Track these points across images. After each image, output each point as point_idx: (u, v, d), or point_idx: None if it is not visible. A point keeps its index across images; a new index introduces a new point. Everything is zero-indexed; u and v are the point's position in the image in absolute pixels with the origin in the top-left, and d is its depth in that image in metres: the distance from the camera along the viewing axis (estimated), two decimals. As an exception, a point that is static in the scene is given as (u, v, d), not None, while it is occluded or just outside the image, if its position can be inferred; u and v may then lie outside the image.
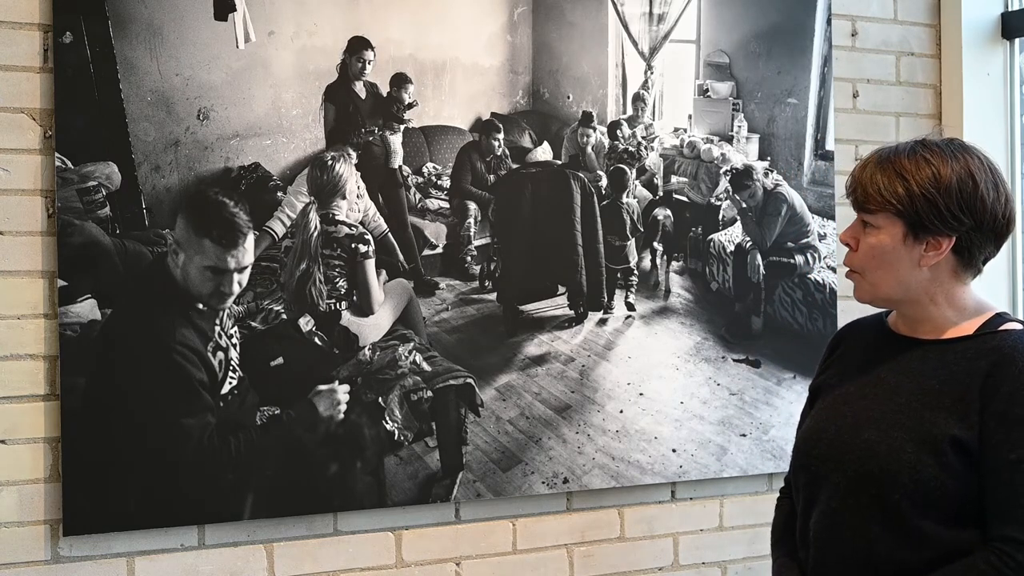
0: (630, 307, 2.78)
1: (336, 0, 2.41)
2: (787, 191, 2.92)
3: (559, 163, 2.72)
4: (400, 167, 2.56)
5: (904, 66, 3.11)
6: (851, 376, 1.79)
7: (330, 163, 2.41)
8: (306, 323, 2.39)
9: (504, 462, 2.56)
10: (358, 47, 2.44)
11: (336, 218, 2.42)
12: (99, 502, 2.16)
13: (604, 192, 2.75)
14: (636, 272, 2.80)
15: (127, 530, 2.20)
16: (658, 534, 2.75)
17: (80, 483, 2.15)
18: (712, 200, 2.87)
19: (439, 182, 2.60)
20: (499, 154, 2.65)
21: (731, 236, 2.88)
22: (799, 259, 2.93)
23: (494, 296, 2.62)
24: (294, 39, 2.37)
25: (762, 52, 2.90)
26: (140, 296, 2.23)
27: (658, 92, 2.82)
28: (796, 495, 1.83)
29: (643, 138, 2.80)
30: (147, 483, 2.20)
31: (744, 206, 2.89)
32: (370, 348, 2.45)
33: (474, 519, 2.54)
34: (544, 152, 2.71)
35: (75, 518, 2.15)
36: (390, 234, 2.52)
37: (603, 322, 2.74)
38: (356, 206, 2.46)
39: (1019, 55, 3.20)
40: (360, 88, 2.47)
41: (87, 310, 2.17)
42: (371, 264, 2.46)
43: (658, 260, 2.84)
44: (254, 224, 2.28)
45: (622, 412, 2.70)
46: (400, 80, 2.50)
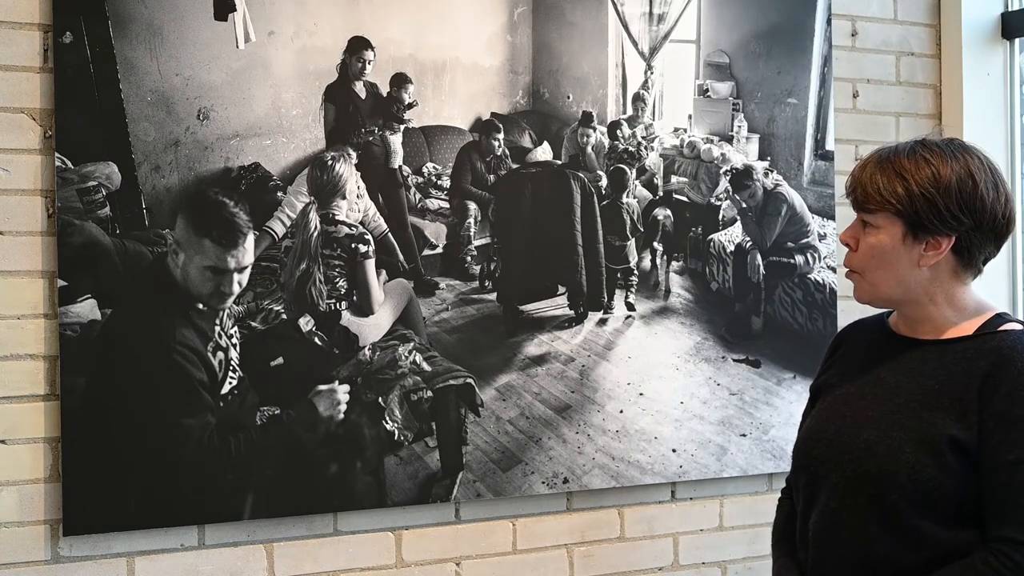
0: (630, 307, 2.78)
1: (336, 0, 2.41)
2: (787, 191, 2.92)
3: (559, 163, 2.71)
4: (400, 167, 2.56)
5: (904, 66, 3.11)
6: (852, 376, 1.79)
7: (330, 163, 2.41)
8: (306, 323, 2.39)
9: (504, 462, 2.55)
10: (358, 47, 2.44)
11: (336, 218, 2.42)
12: (99, 502, 2.16)
13: (604, 192, 2.75)
14: (636, 272, 2.80)
15: (127, 530, 2.20)
16: (658, 534, 2.75)
17: (80, 483, 2.15)
18: (712, 200, 2.87)
19: (439, 182, 2.60)
20: (499, 154, 2.65)
21: (731, 236, 2.88)
22: (799, 259, 2.93)
23: (494, 296, 2.62)
24: (294, 39, 2.37)
25: (762, 52, 2.90)
26: (140, 296, 2.23)
27: (658, 92, 2.82)
28: (796, 495, 1.83)
29: (643, 138, 2.80)
30: (147, 483, 2.20)
31: (744, 206, 2.89)
32: (370, 348, 2.45)
33: (474, 519, 2.54)
34: (544, 152, 2.71)
35: (75, 518, 2.15)
36: (390, 234, 2.52)
37: (603, 322, 2.74)
38: (356, 206, 2.46)
39: (1019, 55, 3.19)
40: (360, 88, 2.47)
41: (87, 310, 2.17)
42: (371, 264, 2.46)
43: (658, 260, 2.84)
44: (254, 224, 2.28)
45: (622, 412, 2.70)
46: (400, 80, 2.50)
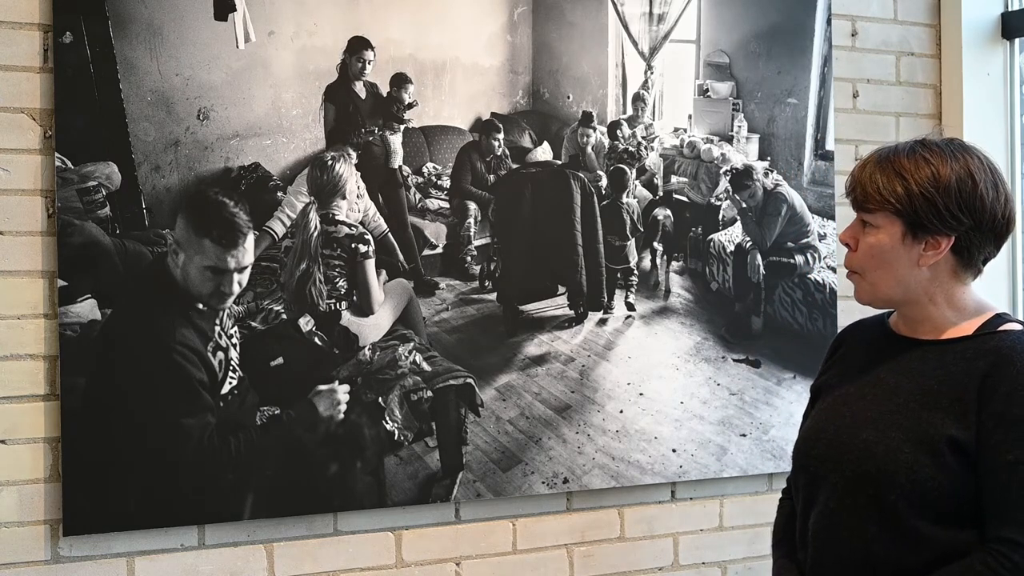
0: (630, 307, 2.78)
1: (336, 0, 2.41)
2: (787, 191, 2.92)
3: (559, 163, 2.71)
4: (400, 167, 2.56)
5: (904, 66, 3.11)
6: (851, 376, 1.79)
7: (330, 163, 2.41)
8: (306, 323, 2.39)
9: (504, 462, 2.55)
10: (358, 47, 2.44)
11: (336, 218, 2.42)
12: (99, 502, 2.16)
13: (604, 192, 2.75)
14: (636, 272, 2.80)
15: (127, 530, 2.20)
16: (658, 534, 2.75)
17: (80, 483, 2.15)
18: (712, 200, 2.87)
19: (439, 182, 2.60)
20: (499, 154, 2.65)
21: (731, 236, 2.88)
22: (799, 259, 2.93)
23: (494, 296, 2.62)
24: (294, 39, 2.37)
25: (762, 52, 2.90)
26: (140, 296, 2.23)
27: (658, 92, 2.82)
28: (796, 495, 1.83)
29: (643, 138, 2.80)
30: (147, 483, 2.20)
31: (744, 206, 2.89)
32: (370, 348, 2.45)
33: (474, 519, 2.54)
34: (544, 152, 2.71)
35: (75, 518, 2.15)
36: (390, 234, 2.52)
37: (603, 322, 2.74)
38: (356, 206, 2.46)
39: (1019, 55, 3.19)
40: (360, 88, 2.47)
41: (87, 310, 2.17)
42: (371, 264, 2.46)
43: (658, 260, 2.84)
44: (254, 224, 2.28)
45: (622, 412, 2.70)
46: (400, 80, 2.50)
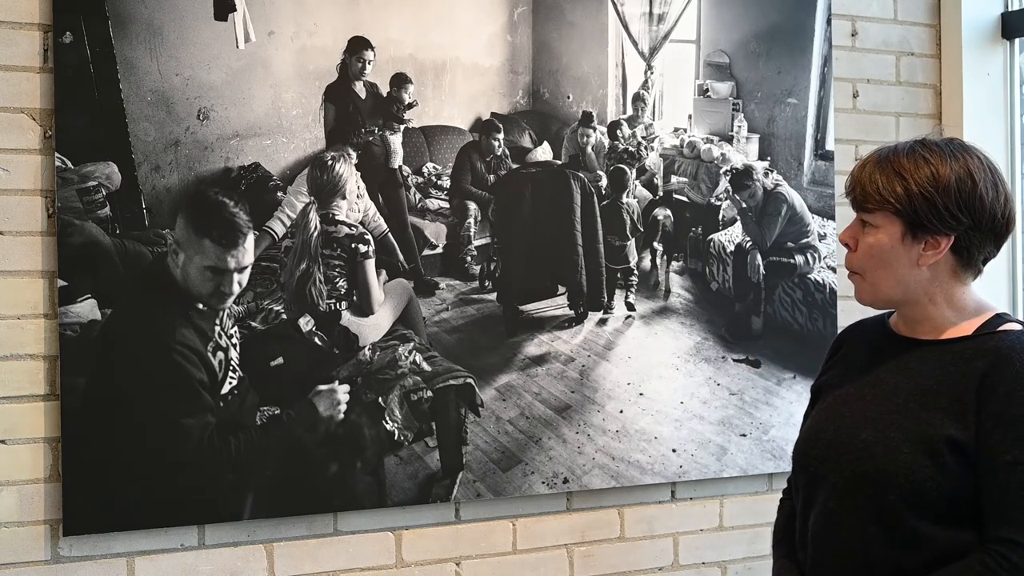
0: (630, 307, 2.78)
1: (336, 0, 2.41)
2: (787, 191, 2.92)
3: (559, 163, 2.71)
4: (400, 167, 2.56)
5: (904, 66, 3.11)
6: (852, 377, 1.79)
7: (330, 163, 2.41)
8: (306, 323, 2.39)
9: (504, 462, 2.55)
10: (358, 47, 2.44)
11: (336, 218, 2.42)
12: (99, 502, 2.16)
13: (604, 192, 2.75)
14: (636, 272, 2.80)
15: (127, 530, 2.20)
16: (658, 534, 2.75)
17: (80, 483, 2.15)
18: (712, 200, 2.87)
19: (439, 182, 2.60)
20: (499, 154, 2.65)
21: (731, 236, 2.88)
22: (799, 259, 2.93)
23: (494, 296, 2.62)
24: (294, 39, 2.37)
25: (762, 52, 2.90)
26: (140, 296, 2.23)
27: (658, 92, 2.82)
28: (796, 495, 1.82)
29: (643, 138, 2.80)
30: (147, 483, 2.20)
31: (744, 206, 2.89)
32: (370, 348, 2.45)
33: (474, 519, 2.54)
34: (544, 152, 2.71)
35: (75, 518, 2.15)
36: (390, 234, 2.52)
37: (603, 322, 2.74)
38: (356, 206, 2.46)
39: (1019, 55, 3.19)
40: (360, 88, 2.47)
41: (87, 310, 2.17)
42: (371, 264, 2.46)
43: (658, 260, 2.84)
44: (254, 224, 2.28)
45: (622, 412, 2.70)
46: (400, 80, 2.50)
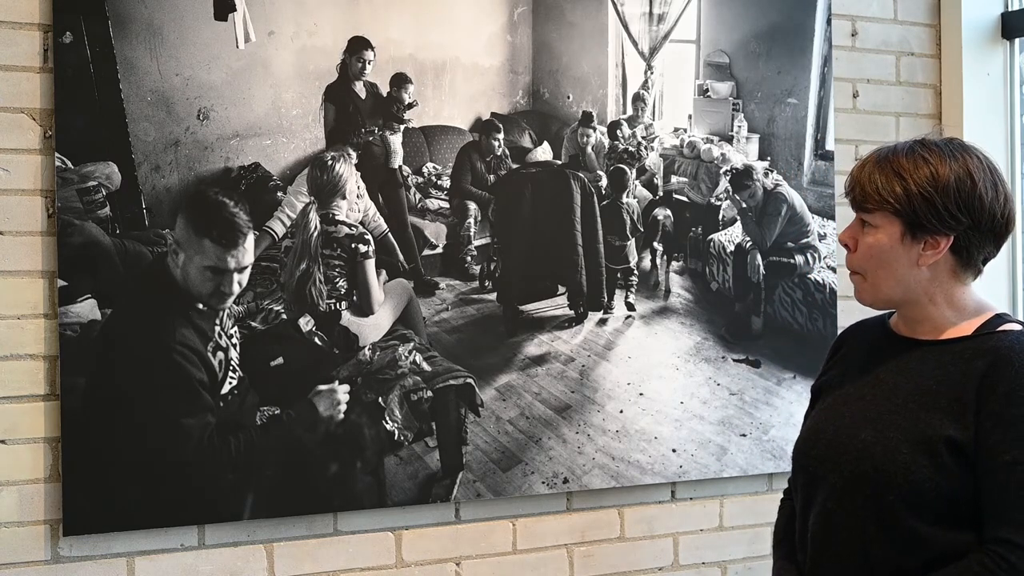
0: (630, 307, 2.78)
1: (336, 0, 2.41)
2: (787, 191, 2.92)
3: (559, 163, 2.71)
4: (400, 167, 2.56)
5: (904, 66, 3.11)
6: (852, 377, 1.79)
7: (330, 163, 2.41)
8: (306, 323, 2.39)
9: (504, 462, 2.55)
10: (358, 47, 2.44)
11: (336, 218, 2.42)
12: (99, 502, 2.16)
13: (604, 192, 2.75)
14: (636, 272, 2.80)
15: (127, 530, 2.20)
16: (658, 534, 2.75)
17: (80, 483, 2.15)
18: (712, 200, 2.87)
19: (439, 182, 2.60)
20: (499, 154, 2.65)
21: (731, 236, 2.88)
22: (799, 259, 2.93)
23: (494, 296, 2.62)
24: (294, 39, 2.37)
25: (762, 52, 2.90)
26: (140, 296, 2.23)
27: (658, 92, 2.82)
28: (795, 496, 1.82)
29: (643, 138, 2.80)
30: (147, 483, 2.20)
31: (744, 206, 2.89)
32: (370, 348, 2.45)
33: (474, 519, 2.54)
34: (544, 152, 2.71)
35: (75, 518, 2.15)
36: (390, 234, 2.52)
37: (603, 322, 2.74)
38: (356, 206, 2.46)
39: (1019, 55, 3.19)
40: (360, 88, 2.47)
41: (87, 310, 2.17)
42: (371, 264, 2.46)
43: (658, 260, 2.84)
44: (254, 224, 2.28)
45: (622, 412, 2.70)
46: (400, 80, 2.50)
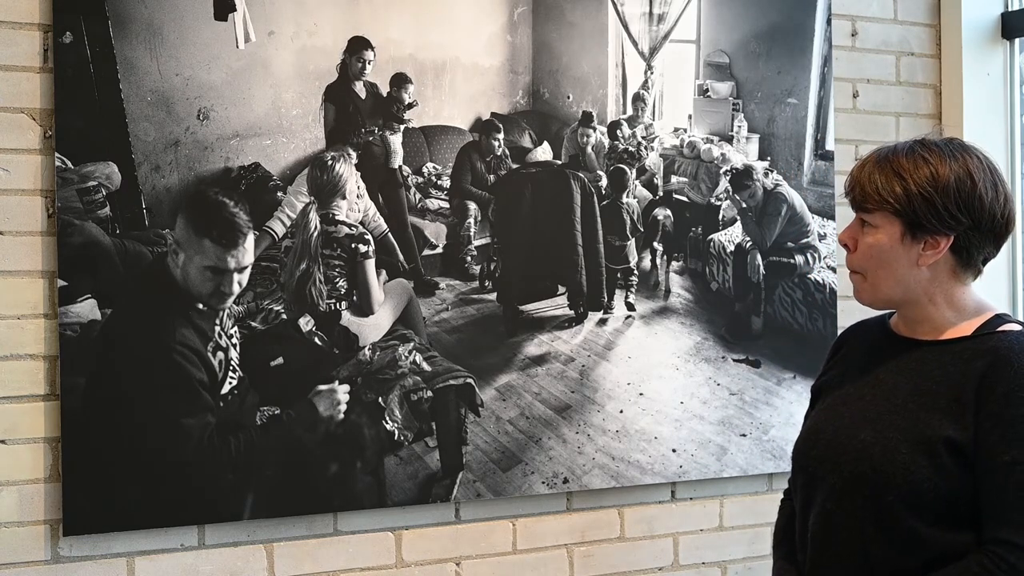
0: (630, 307, 2.78)
1: (336, 0, 2.41)
2: (787, 191, 2.92)
3: (559, 163, 2.71)
4: (400, 167, 2.56)
5: (904, 66, 3.11)
6: (852, 377, 1.78)
7: (330, 163, 2.41)
8: (306, 323, 2.39)
9: (504, 462, 2.55)
10: (358, 47, 2.44)
11: (336, 218, 2.42)
12: (99, 502, 2.16)
13: (604, 192, 2.75)
14: (636, 272, 2.80)
15: (127, 530, 2.20)
16: (658, 534, 2.75)
17: (80, 483, 2.15)
18: (712, 200, 2.87)
19: (439, 182, 2.61)
20: (499, 154, 2.65)
21: (731, 236, 2.88)
22: (799, 259, 2.93)
23: (494, 296, 2.62)
24: (294, 39, 2.37)
25: (762, 52, 2.90)
26: (140, 296, 2.23)
27: (658, 92, 2.82)
28: (795, 496, 1.82)
29: (643, 138, 2.80)
30: (147, 483, 2.20)
31: (744, 206, 2.89)
32: (370, 348, 2.45)
33: (474, 519, 2.54)
34: (544, 152, 2.71)
35: (75, 518, 2.15)
36: (390, 234, 2.52)
37: (603, 322, 2.74)
38: (356, 206, 2.46)
39: (1019, 55, 3.19)
40: (360, 88, 2.47)
41: (87, 310, 2.17)
42: (371, 264, 2.46)
43: (658, 260, 2.84)
44: (254, 224, 2.28)
45: (622, 412, 2.70)
46: (400, 80, 2.50)
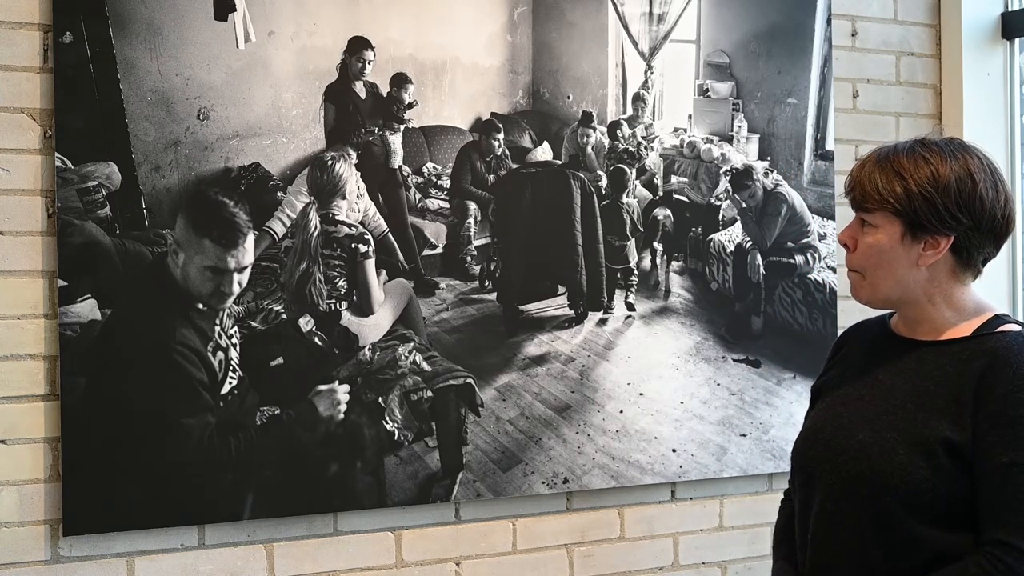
0: (630, 307, 2.78)
1: (336, 0, 2.41)
2: (787, 191, 2.92)
3: (559, 163, 2.71)
4: (400, 167, 2.56)
5: (904, 66, 3.11)
6: (851, 377, 1.78)
7: (330, 163, 2.41)
8: (306, 323, 2.39)
9: (504, 462, 2.55)
10: (358, 47, 2.44)
11: (336, 218, 2.42)
12: (99, 502, 2.16)
13: (604, 192, 2.75)
14: (636, 272, 2.80)
15: (127, 530, 2.20)
16: (658, 534, 2.75)
17: (80, 483, 2.15)
18: (712, 200, 2.87)
19: (439, 182, 2.61)
20: (499, 154, 2.65)
21: (731, 236, 2.88)
22: (799, 259, 2.93)
23: (494, 296, 2.62)
24: (294, 39, 2.37)
25: (762, 52, 2.90)
26: (140, 296, 2.23)
27: (658, 92, 2.82)
28: (795, 496, 1.82)
29: (643, 138, 2.80)
30: (147, 483, 2.20)
31: (744, 206, 2.89)
32: (370, 348, 2.45)
33: (474, 519, 2.54)
34: (544, 152, 2.71)
35: (75, 518, 2.15)
36: (390, 234, 2.52)
37: (603, 322, 2.74)
38: (356, 206, 2.46)
39: (1019, 55, 3.19)
40: (360, 88, 2.47)
41: (87, 310, 2.17)
42: (371, 264, 2.46)
43: (658, 260, 2.84)
44: (254, 224, 2.28)
45: (622, 412, 2.70)
46: (400, 80, 2.50)
